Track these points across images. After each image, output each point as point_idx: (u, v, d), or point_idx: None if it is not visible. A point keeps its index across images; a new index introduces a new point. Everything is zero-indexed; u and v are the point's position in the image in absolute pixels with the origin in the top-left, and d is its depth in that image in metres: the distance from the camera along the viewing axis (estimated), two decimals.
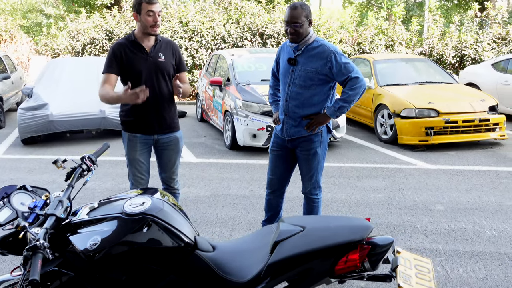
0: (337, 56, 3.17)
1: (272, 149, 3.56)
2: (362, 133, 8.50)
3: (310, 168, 3.43)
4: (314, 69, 3.20)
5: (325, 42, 3.26)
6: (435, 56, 12.81)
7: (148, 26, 3.25)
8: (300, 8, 3.12)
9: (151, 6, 3.22)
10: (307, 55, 3.23)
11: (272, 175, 3.60)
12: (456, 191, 5.24)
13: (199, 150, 7.34)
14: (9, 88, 10.73)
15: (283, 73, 3.37)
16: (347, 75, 3.17)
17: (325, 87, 3.27)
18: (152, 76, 3.35)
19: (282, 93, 3.40)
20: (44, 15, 41.23)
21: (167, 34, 13.04)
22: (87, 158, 2.21)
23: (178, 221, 1.90)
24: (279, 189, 3.63)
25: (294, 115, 3.32)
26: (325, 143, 3.43)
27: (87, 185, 5.62)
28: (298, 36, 3.16)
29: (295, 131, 3.35)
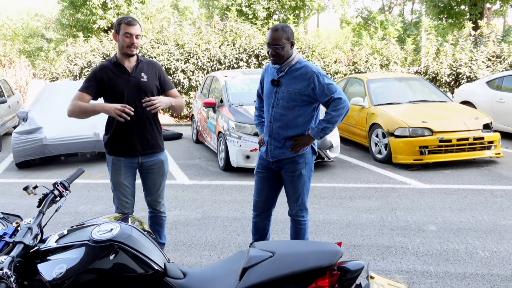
0: (320, 77, 3.17)
1: (257, 171, 3.53)
2: (357, 153, 8.47)
3: (295, 190, 3.39)
4: (297, 90, 3.20)
5: (308, 64, 3.26)
6: (430, 75, 12.86)
7: (125, 46, 3.26)
8: (282, 30, 3.13)
9: (130, 28, 3.24)
10: (290, 77, 3.23)
11: (258, 197, 3.56)
12: (449, 211, 5.18)
13: (193, 172, 7.30)
14: (5, 112, 10.77)
15: (267, 94, 3.36)
16: (330, 96, 3.16)
17: (309, 108, 3.26)
18: (134, 96, 3.34)
19: (266, 114, 3.39)
20: (45, 40, 41.74)
21: (164, 56, 13.14)
22: (59, 184, 2.18)
23: (147, 247, 1.86)
24: (265, 211, 3.58)
25: (278, 136, 3.30)
26: (310, 164, 3.40)
27: (78, 209, 5.58)
28: (279, 58, 3.17)
29: (279, 153, 3.32)
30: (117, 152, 3.44)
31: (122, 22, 3.27)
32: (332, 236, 4.52)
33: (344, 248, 4.21)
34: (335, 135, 7.26)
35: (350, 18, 37.37)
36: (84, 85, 3.32)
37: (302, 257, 1.79)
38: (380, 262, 3.91)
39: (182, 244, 4.42)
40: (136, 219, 2.09)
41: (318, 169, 7.26)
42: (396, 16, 37.75)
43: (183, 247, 4.35)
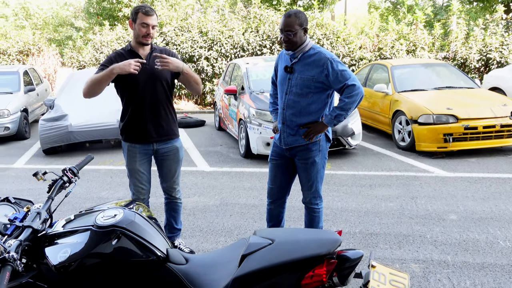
0: (333, 63, 3.12)
1: (271, 158, 3.52)
2: (380, 140, 8.34)
3: (309, 177, 3.37)
4: (310, 76, 3.16)
5: (322, 50, 3.21)
6: (459, 60, 12.50)
7: (141, 35, 3.27)
8: (294, 16, 3.08)
9: (147, 18, 3.24)
10: (303, 63, 3.19)
11: (271, 184, 3.55)
12: (472, 200, 5.06)
13: (213, 159, 7.35)
14: (34, 100, 11.04)
15: (280, 81, 3.33)
16: (344, 83, 3.11)
17: (323, 95, 3.22)
18: (149, 84, 3.36)
19: (279, 101, 3.36)
20: (74, 28, 42.46)
21: (187, 44, 13.18)
22: (68, 170, 2.22)
23: (149, 233, 1.88)
24: (279, 199, 3.57)
25: (291, 123, 3.28)
26: (323, 151, 3.36)
27: (100, 195, 5.70)
28: (292, 44, 3.13)
29: (292, 140, 3.30)
30: (132, 139, 3.48)
31: (139, 11, 3.27)
32: (349, 224, 4.48)
33: (361, 236, 4.18)
34: (357, 122, 7.16)
35: (378, 3, 36.58)
36: (100, 69, 3.32)
37: (300, 245, 1.78)
38: (396, 251, 3.86)
39: (199, 230, 4.47)
40: (141, 206, 2.11)
41: (339, 156, 7.19)
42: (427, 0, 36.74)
43: (200, 233, 4.40)
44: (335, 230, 2.29)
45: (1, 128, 9.25)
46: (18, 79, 10.69)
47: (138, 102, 3.39)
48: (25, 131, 9.85)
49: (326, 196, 5.33)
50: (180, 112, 12.76)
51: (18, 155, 8.32)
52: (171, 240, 3.92)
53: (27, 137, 9.94)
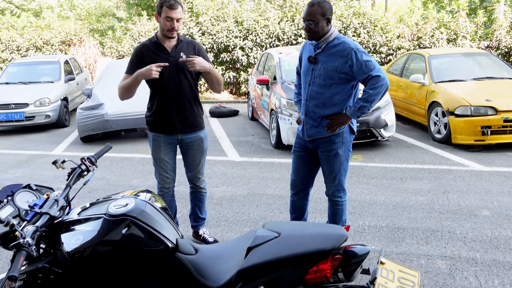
0: (358, 54, 3.05)
1: (294, 149, 3.49)
2: (416, 132, 8.13)
3: (332, 169, 3.33)
4: (334, 67, 3.10)
5: (346, 40, 3.14)
6: (503, 50, 11.96)
7: (165, 29, 3.31)
8: (318, 5, 3.03)
9: (171, 12, 3.27)
10: (327, 53, 3.14)
11: (295, 176, 3.53)
12: (508, 196, 4.87)
13: (244, 149, 7.37)
14: (74, 88, 11.40)
15: (304, 72, 3.29)
16: (368, 74, 3.04)
17: (347, 86, 3.16)
18: (174, 76, 3.40)
19: (303, 92, 3.33)
20: (116, 19, 43.39)
21: (223, 33, 13.21)
22: (86, 159, 2.28)
23: (159, 223, 1.91)
24: (302, 191, 3.55)
25: (314, 115, 3.24)
26: (347, 143, 3.31)
27: (131, 183, 5.84)
28: (313, 34, 3.08)
29: (315, 132, 3.26)
30: (157, 129, 3.55)
31: (164, 4, 3.30)
32: (376, 217, 4.41)
33: (387, 230, 4.10)
34: (391, 113, 7.00)
35: None
36: (128, 67, 3.44)
37: (305, 239, 1.76)
38: (423, 246, 3.77)
39: (225, 220, 4.51)
40: (154, 196, 2.15)
41: (371, 148, 7.06)
42: None
43: (225, 223, 4.44)
44: (360, 223, 2.25)
45: (42, 116, 9.61)
46: (59, 68, 11.06)
47: (163, 94, 3.45)
48: (65, 119, 10.20)
49: (355, 188, 5.26)
50: (214, 102, 12.86)
51: (57, 142, 8.63)
52: (195, 229, 3.98)
53: (67, 125, 10.29)
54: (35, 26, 16.44)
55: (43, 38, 15.79)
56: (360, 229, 4.16)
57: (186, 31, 13.46)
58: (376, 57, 12.63)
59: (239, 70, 13.60)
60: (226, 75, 13.56)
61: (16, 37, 15.82)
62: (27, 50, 15.73)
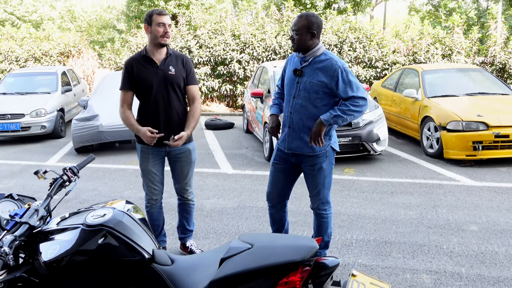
0: (344, 73, 3.09)
1: (274, 162, 3.49)
2: (408, 147, 8.17)
3: (316, 184, 3.35)
4: (320, 82, 3.14)
5: (334, 57, 3.19)
6: (497, 65, 12.08)
7: (158, 36, 3.35)
8: (305, 18, 3.11)
9: (162, 17, 3.33)
10: (313, 67, 3.18)
11: (271, 188, 3.54)
12: (496, 211, 4.89)
13: (237, 161, 7.40)
14: (71, 100, 11.46)
15: (288, 84, 3.31)
16: (352, 94, 3.08)
17: (330, 101, 3.20)
18: (163, 89, 3.44)
19: (286, 104, 3.34)
20: (116, 31, 43.72)
21: (220, 46, 13.32)
22: (68, 169, 2.31)
23: (136, 234, 1.93)
24: (279, 203, 3.56)
25: (297, 128, 3.26)
26: (330, 157, 3.33)
27: (123, 194, 5.85)
28: (296, 45, 3.13)
29: (296, 146, 3.28)
30: None
31: (153, 13, 3.38)
32: (364, 231, 4.42)
33: (375, 244, 4.11)
34: (383, 127, 7.04)
35: (419, 6, 35.79)
36: (122, 82, 3.49)
37: (277, 251, 1.78)
38: (409, 260, 3.78)
39: (214, 232, 4.52)
40: (133, 206, 2.17)
41: (364, 162, 7.09)
42: (470, 2, 35.64)
43: (214, 235, 4.45)
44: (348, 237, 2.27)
45: (37, 126, 9.65)
46: (56, 79, 11.13)
47: (152, 106, 3.48)
48: (60, 130, 10.23)
49: (345, 202, 5.28)
50: (210, 114, 12.92)
51: (52, 153, 8.65)
52: (183, 241, 3.99)
53: (63, 136, 10.33)
54: (34, 37, 16.56)
55: (42, 49, 15.90)
56: (348, 242, 4.18)
57: (184, 44, 13.58)
58: (371, 72, 12.74)
59: (236, 83, 13.70)
60: (222, 87, 13.66)
61: (15, 48, 15.94)
62: (26, 61, 15.84)
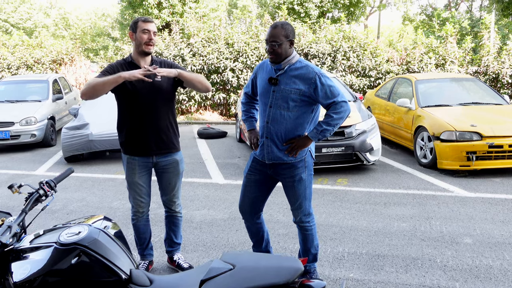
0: (322, 79, 3.03)
1: (248, 172, 3.39)
2: (402, 157, 8.11)
3: (297, 196, 3.25)
4: (297, 90, 3.06)
5: (309, 64, 3.13)
6: (490, 75, 12.09)
7: (142, 43, 3.26)
8: (281, 27, 3.03)
9: (147, 24, 3.25)
10: (289, 75, 3.10)
11: (243, 200, 3.44)
12: (491, 223, 4.81)
13: (229, 171, 7.30)
14: (62, 108, 11.33)
15: (263, 93, 3.22)
16: (333, 99, 3.02)
17: (308, 109, 3.13)
18: (149, 96, 3.34)
19: (261, 114, 3.26)
20: (111, 39, 43.68)
21: (213, 55, 13.27)
22: (44, 183, 2.20)
23: (112, 252, 1.83)
24: (252, 215, 3.47)
25: (275, 138, 3.17)
26: (310, 167, 3.25)
27: (112, 205, 5.73)
28: (276, 56, 3.05)
29: (276, 156, 3.19)
30: (132, 151, 3.46)
31: (138, 20, 3.29)
32: (357, 244, 4.33)
33: (367, 257, 4.02)
34: (376, 137, 6.98)
35: (413, 16, 36.02)
36: (101, 74, 3.26)
37: (259, 272, 1.69)
38: (402, 275, 3.69)
39: (203, 245, 4.41)
40: (111, 222, 2.07)
41: (357, 172, 7.02)
42: (463, 12, 35.92)
43: (203, 248, 4.34)
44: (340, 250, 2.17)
45: (27, 135, 9.51)
46: (47, 87, 11.00)
47: (138, 114, 3.38)
48: (51, 139, 10.09)
49: (338, 213, 5.19)
50: (203, 123, 12.83)
51: (41, 162, 8.51)
52: (170, 254, 3.88)
53: (53, 145, 10.18)
54: (26, 44, 16.44)
55: (34, 57, 15.78)
56: (340, 256, 4.08)
57: (177, 52, 13.52)
58: (365, 81, 12.71)
59: (229, 91, 13.63)
60: (216, 96, 13.58)
61: (7, 55, 15.81)
62: (18, 69, 15.70)
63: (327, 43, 13.00)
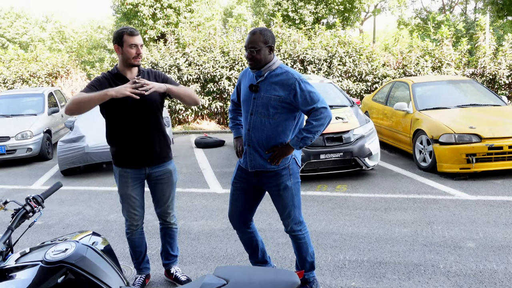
0: (302, 84, 2.97)
1: (234, 181, 3.34)
2: (402, 161, 8.04)
3: (284, 204, 3.18)
4: (277, 96, 3.00)
5: (290, 70, 3.06)
6: (487, 77, 12.05)
7: (131, 57, 3.19)
8: (259, 33, 2.99)
9: (133, 38, 3.17)
10: (270, 82, 3.05)
11: (231, 209, 3.39)
12: (493, 226, 4.73)
13: (227, 180, 7.22)
14: (58, 121, 11.26)
15: (245, 100, 3.17)
16: (313, 105, 2.95)
17: (290, 116, 3.07)
18: (138, 108, 3.27)
19: (244, 122, 3.20)
20: (107, 51, 43.76)
21: (209, 64, 13.23)
22: (31, 199, 2.12)
23: (101, 270, 1.75)
24: (241, 225, 3.40)
25: (257, 145, 3.11)
26: (295, 175, 3.18)
27: (108, 218, 5.64)
28: (256, 62, 3.00)
29: (259, 164, 3.13)
30: (124, 163, 3.39)
31: (124, 33, 3.17)
32: (358, 251, 4.24)
33: (368, 265, 3.93)
34: (374, 142, 6.91)
35: (408, 20, 36.13)
36: (87, 88, 3.18)
37: (254, 287, 1.61)
38: (405, 282, 3.60)
39: (201, 256, 4.32)
40: (100, 237, 1.99)
41: (356, 178, 6.94)
42: (458, 15, 36.05)
43: (201, 259, 4.25)
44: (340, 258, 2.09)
45: (23, 149, 9.43)
46: (42, 101, 10.95)
47: (128, 126, 3.31)
48: (47, 152, 10.01)
49: (338, 220, 5.11)
50: (200, 132, 12.77)
51: (38, 176, 8.43)
52: (167, 267, 3.79)
53: (50, 158, 10.10)
54: (22, 59, 16.41)
55: (30, 71, 15.74)
56: (340, 264, 3.99)
57: (173, 62, 13.48)
58: (362, 86, 12.67)
59: (226, 100, 13.58)
60: (213, 105, 13.54)
61: (2, 70, 15.76)
62: (14, 83, 15.65)
63: (323, 49, 12.97)
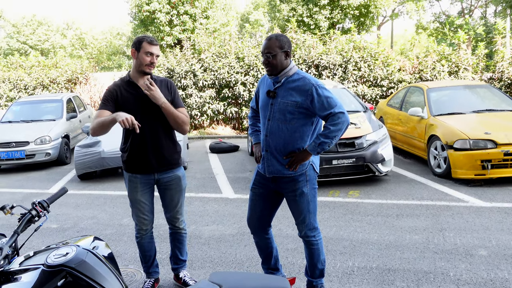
0: (319, 89, 2.99)
1: (253, 186, 3.37)
2: (416, 167, 7.96)
3: (300, 210, 3.20)
4: (294, 102, 3.03)
5: (306, 75, 3.08)
6: (506, 81, 11.86)
7: (144, 64, 3.27)
8: (275, 39, 3.02)
9: (151, 47, 3.26)
10: (286, 88, 3.07)
11: (250, 214, 3.41)
12: (507, 233, 4.66)
13: (240, 185, 7.25)
14: (77, 126, 11.47)
15: (263, 106, 3.21)
16: (330, 111, 2.96)
17: (307, 122, 3.09)
18: (148, 114, 3.34)
19: (262, 127, 3.24)
20: (126, 57, 44.40)
21: (224, 69, 13.32)
22: (37, 203, 2.18)
23: (100, 274, 1.79)
24: (260, 230, 3.43)
25: (275, 151, 3.14)
26: (312, 181, 3.19)
27: (122, 222, 5.72)
28: (272, 68, 3.03)
29: (276, 169, 3.15)
30: (133, 169, 3.46)
31: (144, 40, 3.28)
32: (367, 258, 4.22)
33: (377, 272, 3.91)
34: (388, 148, 6.86)
35: (426, 24, 35.79)
36: (101, 103, 3.37)
37: None
38: None
39: (210, 261, 4.35)
40: (102, 242, 2.04)
41: (370, 183, 6.90)
42: (478, 19, 35.56)
43: (210, 264, 4.28)
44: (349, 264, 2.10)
45: (42, 154, 9.63)
46: (61, 107, 11.17)
47: (138, 133, 3.37)
48: (65, 157, 10.20)
49: (348, 226, 5.09)
50: (215, 137, 12.84)
51: (56, 180, 8.59)
52: (176, 272, 3.83)
53: (68, 163, 10.29)
54: (42, 65, 16.77)
55: (50, 77, 16.07)
56: (349, 270, 3.98)
57: (189, 68, 13.61)
58: (377, 91, 12.60)
59: (241, 105, 13.65)
60: (228, 110, 13.62)
61: (24, 76, 16.14)
62: (35, 89, 16.01)
63: (338, 54, 12.95)
